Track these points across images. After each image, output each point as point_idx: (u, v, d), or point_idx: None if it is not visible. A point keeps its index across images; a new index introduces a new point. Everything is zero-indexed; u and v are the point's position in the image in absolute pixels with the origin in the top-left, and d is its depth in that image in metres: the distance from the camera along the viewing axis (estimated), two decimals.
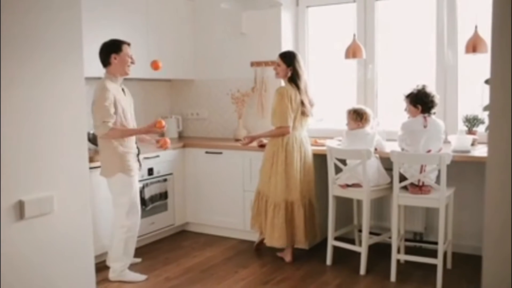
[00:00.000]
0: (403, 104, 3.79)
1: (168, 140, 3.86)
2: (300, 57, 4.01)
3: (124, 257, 3.71)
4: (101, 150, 3.64)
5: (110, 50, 3.60)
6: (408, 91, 3.74)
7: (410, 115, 3.74)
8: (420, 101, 3.66)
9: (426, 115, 3.65)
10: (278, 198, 3.96)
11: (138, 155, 3.78)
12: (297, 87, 3.93)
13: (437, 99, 3.70)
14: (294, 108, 3.91)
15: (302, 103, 3.93)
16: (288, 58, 3.97)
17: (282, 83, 4.06)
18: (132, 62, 3.69)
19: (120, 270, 3.71)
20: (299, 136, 4.02)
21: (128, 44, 3.69)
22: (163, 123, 3.70)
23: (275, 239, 3.99)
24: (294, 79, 3.94)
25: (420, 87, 3.69)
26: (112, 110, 3.52)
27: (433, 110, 3.69)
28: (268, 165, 4.02)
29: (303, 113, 3.96)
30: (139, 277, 3.75)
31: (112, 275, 3.71)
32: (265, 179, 4.04)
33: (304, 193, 4.01)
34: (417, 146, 3.62)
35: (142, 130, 3.75)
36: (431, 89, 3.73)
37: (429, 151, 3.59)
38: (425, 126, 3.63)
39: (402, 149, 3.70)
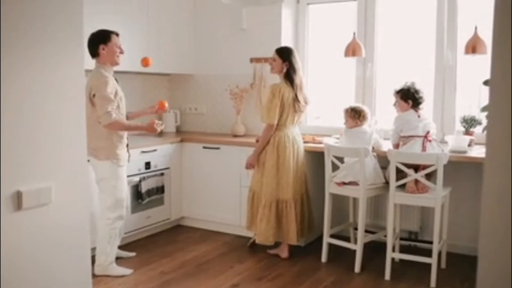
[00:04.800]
0: (393, 99, 3.91)
1: (165, 102, 3.94)
2: (296, 53, 4.01)
3: (109, 251, 3.65)
4: (95, 136, 3.47)
5: (98, 40, 3.55)
6: (398, 87, 3.86)
7: (400, 110, 3.85)
8: (412, 97, 3.78)
9: (416, 109, 3.79)
10: (270, 196, 3.97)
11: (127, 145, 3.74)
12: (292, 82, 3.92)
13: (425, 95, 3.83)
14: (286, 106, 3.91)
15: (296, 99, 3.92)
16: (284, 53, 3.97)
17: (278, 79, 4.07)
18: (121, 52, 3.64)
19: (106, 264, 3.64)
20: (291, 134, 4.02)
21: (117, 34, 3.64)
22: (166, 104, 3.90)
23: (264, 236, 4.00)
24: (289, 74, 3.93)
25: (410, 83, 3.82)
26: (114, 99, 3.51)
27: (421, 106, 3.81)
28: (259, 163, 4.03)
29: (296, 110, 3.95)
30: (125, 271, 3.70)
31: (97, 269, 3.62)
32: (257, 177, 4.06)
33: (297, 190, 4.02)
34: (416, 130, 3.71)
35: (144, 127, 3.75)
36: (420, 85, 3.84)
37: (428, 132, 3.68)
38: (419, 116, 3.77)
39: (397, 145, 3.79)
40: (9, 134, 1.83)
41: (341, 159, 3.90)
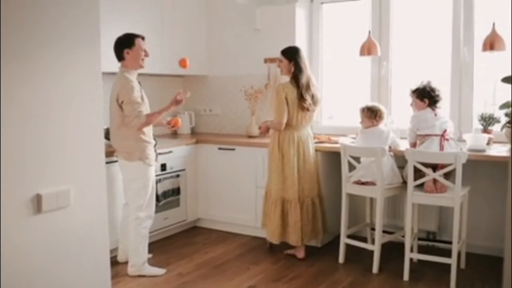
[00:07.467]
0: (410, 99, 3.86)
1: (179, 120, 3.91)
2: (302, 52, 3.96)
3: (142, 251, 3.70)
4: (124, 138, 3.61)
5: (123, 44, 3.60)
6: (414, 87, 3.82)
7: (416, 109, 3.81)
8: (428, 95, 3.74)
9: (433, 107, 3.74)
10: (276, 194, 3.98)
11: (155, 145, 3.77)
12: (298, 82, 3.87)
13: (442, 93, 3.77)
14: (290, 105, 3.86)
15: (302, 97, 3.86)
16: (289, 53, 3.93)
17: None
18: (146, 55, 3.68)
19: (139, 264, 3.69)
20: (297, 134, 3.96)
21: (142, 38, 3.67)
22: (179, 122, 3.88)
23: (270, 233, 4.02)
24: (295, 74, 3.89)
25: (425, 82, 3.78)
26: (141, 102, 3.57)
27: (438, 104, 3.76)
28: (268, 161, 4.07)
29: (302, 108, 3.90)
30: (158, 271, 3.75)
31: (131, 269, 3.69)
32: (268, 175, 4.09)
33: (304, 192, 3.98)
34: (433, 128, 3.65)
35: (168, 105, 3.72)
36: (435, 84, 3.79)
37: (445, 131, 3.63)
38: (436, 115, 3.71)
39: (414, 144, 3.75)
40: (28, 138, 1.83)
41: (357, 159, 3.87)
